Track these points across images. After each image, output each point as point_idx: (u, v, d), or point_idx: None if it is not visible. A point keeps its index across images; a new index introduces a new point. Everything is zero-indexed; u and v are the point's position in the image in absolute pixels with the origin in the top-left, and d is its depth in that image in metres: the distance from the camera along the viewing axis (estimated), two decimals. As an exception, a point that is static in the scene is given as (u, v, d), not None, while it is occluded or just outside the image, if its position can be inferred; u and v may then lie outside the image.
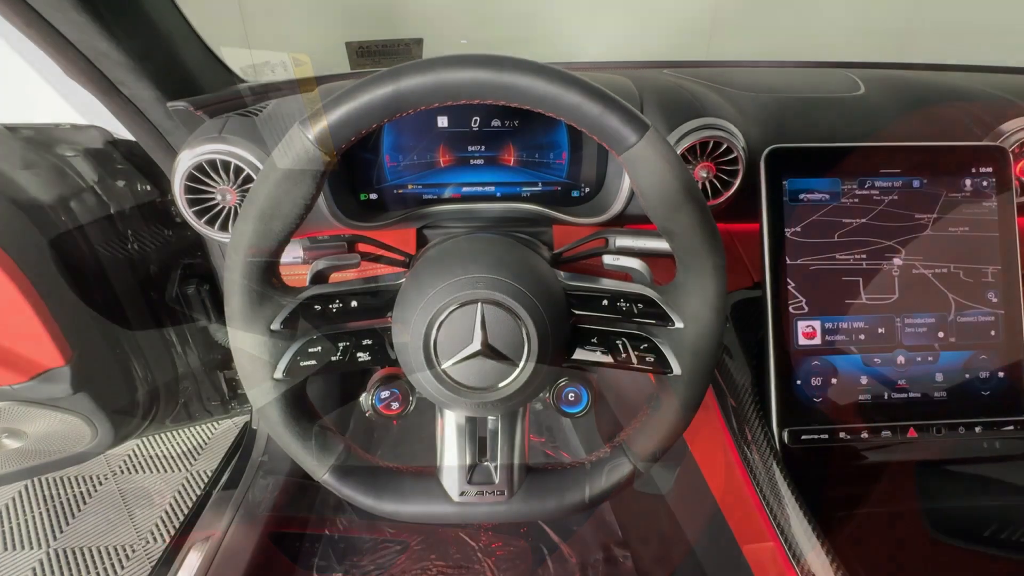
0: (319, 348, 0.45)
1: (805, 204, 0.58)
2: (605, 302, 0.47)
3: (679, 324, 0.45)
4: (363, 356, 0.46)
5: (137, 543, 1.34)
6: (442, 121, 0.69)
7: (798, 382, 0.56)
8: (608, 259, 0.53)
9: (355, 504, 0.48)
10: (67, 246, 0.81)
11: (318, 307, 0.45)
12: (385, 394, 0.49)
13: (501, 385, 0.43)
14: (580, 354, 0.47)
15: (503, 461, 0.49)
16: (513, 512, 0.49)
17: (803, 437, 0.54)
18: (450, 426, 0.49)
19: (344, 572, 0.93)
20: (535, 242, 0.66)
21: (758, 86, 0.71)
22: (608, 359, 0.47)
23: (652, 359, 0.46)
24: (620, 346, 0.47)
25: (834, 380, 0.56)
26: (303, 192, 0.40)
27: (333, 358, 0.46)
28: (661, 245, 0.53)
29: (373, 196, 0.72)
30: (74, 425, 0.87)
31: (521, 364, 0.43)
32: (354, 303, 0.46)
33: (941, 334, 0.58)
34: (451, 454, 0.49)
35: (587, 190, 0.74)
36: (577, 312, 0.47)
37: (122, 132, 0.76)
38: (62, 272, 0.80)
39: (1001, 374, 0.58)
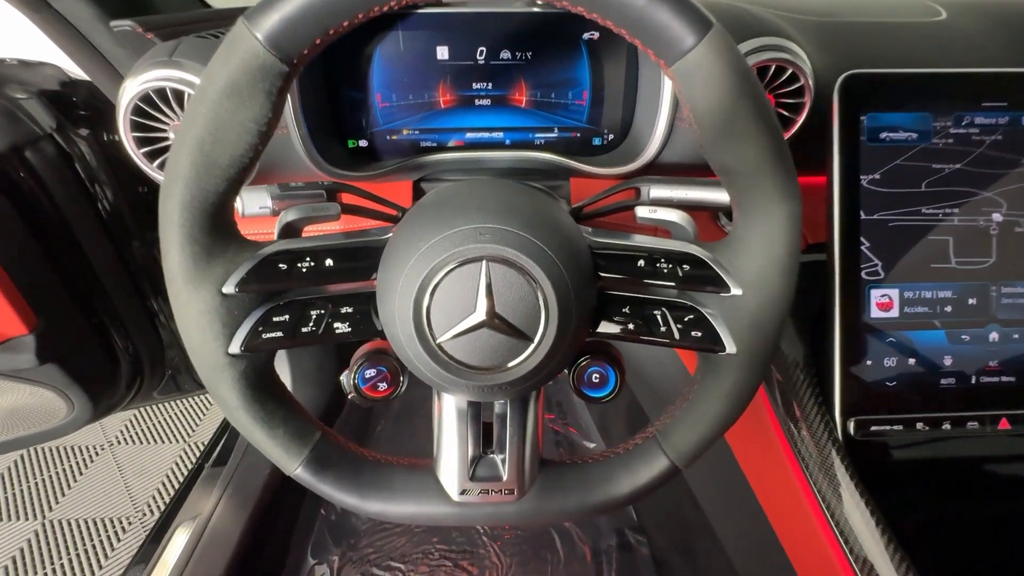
0: (286, 317, 0.37)
1: (887, 145, 0.47)
2: (641, 263, 0.37)
3: (736, 291, 0.36)
4: (342, 327, 0.37)
5: (133, 515, 1.30)
6: (442, 52, 0.59)
7: (868, 362, 0.47)
8: (642, 212, 0.43)
9: (335, 502, 0.40)
10: (25, 201, 0.72)
11: (284, 266, 0.36)
12: (370, 373, 0.40)
13: (511, 365, 0.34)
14: (608, 327, 0.38)
15: (512, 453, 0.41)
16: (524, 514, 0.41)
17: (872, 428, 0.45)
18: (449, 411, 0.41)
19: (340, 555, 0.87)
20: (551, 194, 0.56)
21: (824, 10, 0.60)
22: (643, 334, 0.37)
23: (699, 334, 0.37)
24: (658, 318, 0.38)
25: (912, 360, 0.47)
26: (254, 113, 0.31)
27: (304, 329, 0.37)
28: (711, 194, 0.43)
29: (363, 143, 0.62)
30: (46, 398, 0.81)
31: (537, 339, 0.34)
32: (329, 261, 0.37)
33: (1044, 307, 0.48)
34: (450, 444, 0.41)
35: (611, 137, 0.63)
36: (605, 275, 0.37)
37: (79, 71, 0.66)
38: (21, 231, 0.72)
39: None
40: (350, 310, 0.38)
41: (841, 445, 0.45)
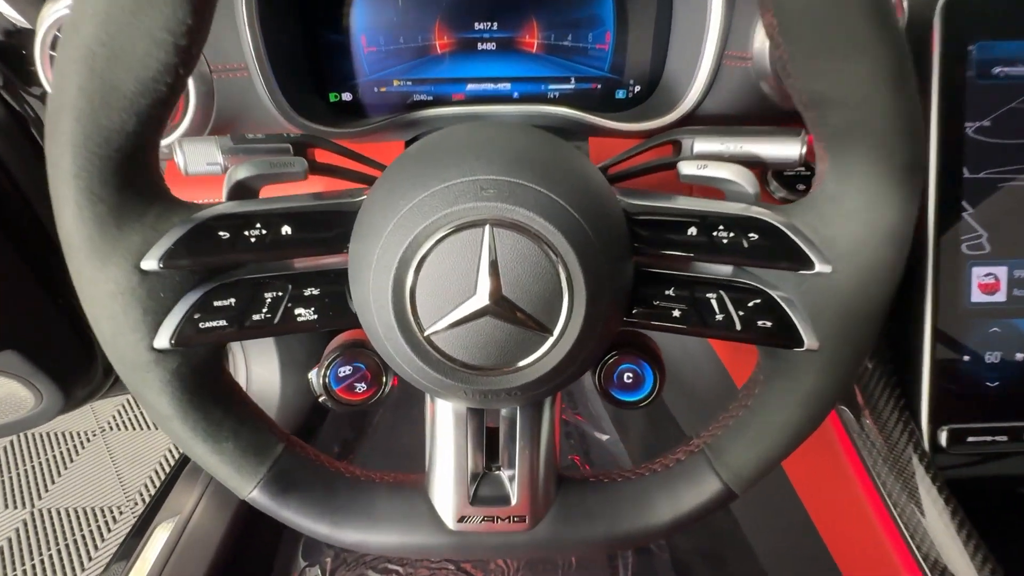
0: (231, 301, 0.28)
1: (1001, 83, 0.37)
2: (692, 230, 0.28)
3: (822, 267, 0.27)
4: (305, 314, 0.29)
5: (124, 504, 1.25)
6: (438, -18, 0.49)
7: (966, 357, 0.38)
8: (687, 168, 0.34)
9: (303, 531, 0.32)
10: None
11: (226, 234, 0.28)
12: (345, 371, 0.32)
13: (523, 364, 0.26)
14: (647, 314, 0.30)
15: (523, 469, 0.33)
16: (538, 545, 0.33)
17: (970, 439, 0.36)
18: (443, 416, 0.33)
19: (333, 556, 0.81)
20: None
21: None
22: (692, 324, 0.29)
23: (768, 324, 0.28)
24: (713, 303, 0.29)
25: (1021, 356, 0.38)
26: (165, 17, 0.22)
27: (256, 316, 0.29)
28: (775, 146, 0.34)
29: (346, 96, 0.53)
30: (10, 388, 0.74)
31: (557, 330, 0.26)
32: (287, 229, 0.28)
33: None
34: (445, 458, 0.33)
35: (637, 89, 0.54)
36: (646, 247, 0.29)
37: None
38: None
39: None
40: (315, 292, 0.29)
41: (929, 458, 0.37)
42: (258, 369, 0.88)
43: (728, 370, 0.65)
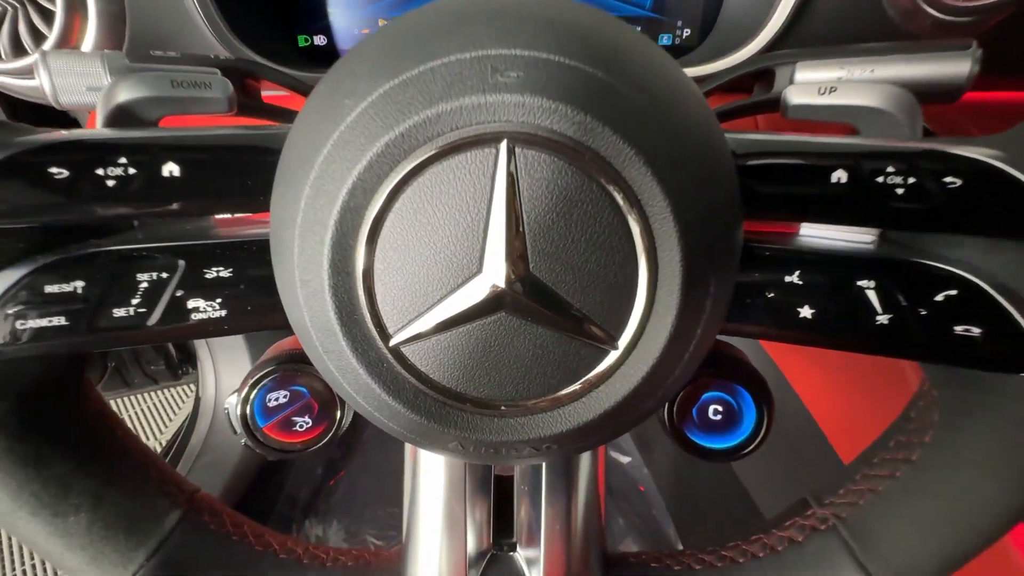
0: (76, 286, 0.17)
1: None
2: (839, 176, 0.17)
3: None
4: (206, 309, 0.18)
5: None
6: None
7: None
8: (798, 96, 0.23)
9: None
10: None
11: (64, 172, 0.17)
12: (278, 399, 0.21)
13: (565, 395, 0.15)
14: (757, 315, 0.18)
15: (552, 550, 0.21)
16: None
17: None
18: (430, 466, 0.22)
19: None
20: None
21: None
22: (835, 331, 0.18)
23: (976, 331, 0.17)
24: (870, 296, 0.18)
25: None
26: None
27: (119, 312, 0.18)
28: (934, 66, 0.23)
29: (320, 39, 0.42)
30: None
31: (627, 335, 0.14)
32: (172, 169, 0.17)
33: None
34: (431, 530, 0.22)
35: (686, 33, 0.43)
36: (764, 211, 0.18)
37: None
38: None
39: None
40: (224, 273, 0.18)
41: None
42: (230, 379, 0.77)
43: (783, 371, 0.52)
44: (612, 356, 0.15)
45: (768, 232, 0.20)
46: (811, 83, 0.23)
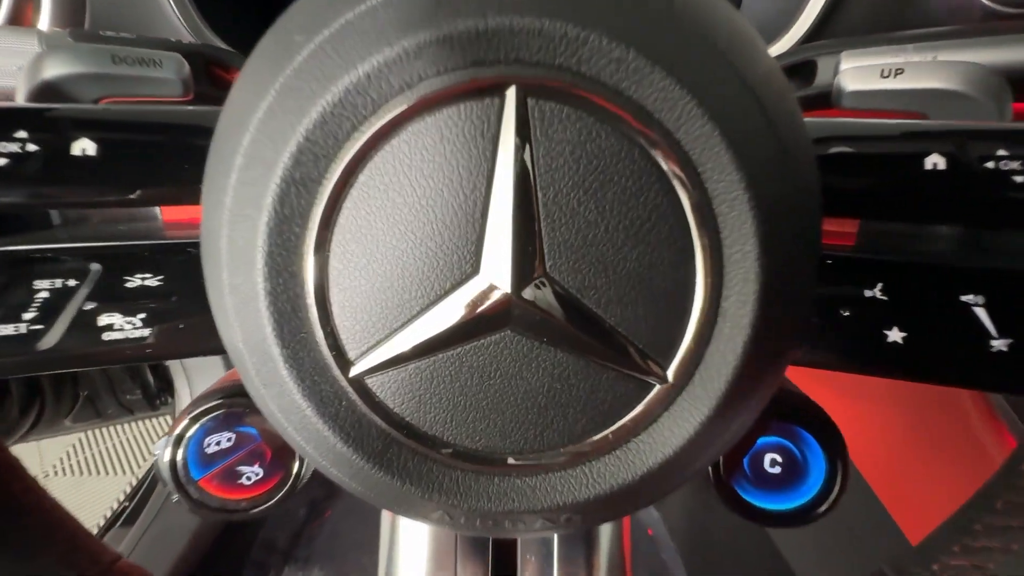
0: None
1: None
2: (935, 162, 0.13)
3: None
4: (123, 326, 0.14)
5: (58, 568, 1.06)
6: None
7: None
8: (855, 83, 0.19)
9: None
10: None
11: None
12: (219, 443, 0.16)
13: (589, 448, 0.11)
14: (831, 341, 0.14)
15: None
16: None
17: None
18: (412, 536, 0.17)
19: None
20: None
21: None
22: (934, 363, 0.14)
23: None
24: (979, 313, 0.14)
25: None
26: None
27: (8, 328, 0.13)
28: (1007, 51, 0.20)
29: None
30: None
31: (676, 362, 0.10)
32: (85, 147, 0.13)
33: None
34: None
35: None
36: (830, 201, 0.14)
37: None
38: None
39: None
40: (152, 281, 0.14)
41: None
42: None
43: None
44: (658, 392, 0.11)
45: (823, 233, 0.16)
46: (871, 67, 0.20)
